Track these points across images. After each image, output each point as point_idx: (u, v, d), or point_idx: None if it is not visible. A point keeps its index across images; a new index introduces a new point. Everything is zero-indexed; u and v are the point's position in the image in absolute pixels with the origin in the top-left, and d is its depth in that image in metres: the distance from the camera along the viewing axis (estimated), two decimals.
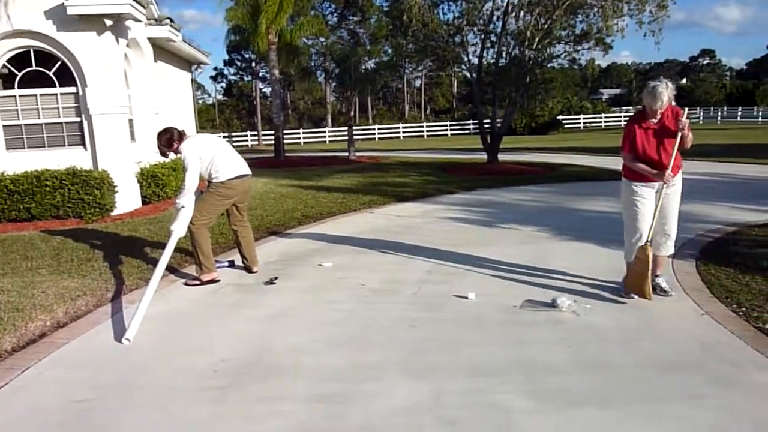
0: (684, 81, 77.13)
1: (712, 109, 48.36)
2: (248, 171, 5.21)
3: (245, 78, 58.11)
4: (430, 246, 6.15)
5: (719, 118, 43.78)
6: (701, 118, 46.68)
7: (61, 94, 8.75)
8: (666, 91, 3.96)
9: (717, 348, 3.37)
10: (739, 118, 43.38)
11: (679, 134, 4.01)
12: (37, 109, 8.74)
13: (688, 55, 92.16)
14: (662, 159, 4.08)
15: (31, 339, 3.86)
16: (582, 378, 3.06)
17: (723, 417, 2.64)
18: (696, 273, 4.89)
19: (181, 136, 5.02)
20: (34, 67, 8.63)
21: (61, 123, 8.83)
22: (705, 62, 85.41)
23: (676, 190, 4.23)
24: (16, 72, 8.63)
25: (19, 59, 8.60)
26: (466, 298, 4.37)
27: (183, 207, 4.83)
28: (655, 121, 4.10)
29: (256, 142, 39.98)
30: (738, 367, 3.13)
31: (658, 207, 4.11)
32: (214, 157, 4.99)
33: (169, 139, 5.01)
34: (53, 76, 8.67)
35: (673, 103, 4.11)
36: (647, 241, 4.12)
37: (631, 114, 5.08)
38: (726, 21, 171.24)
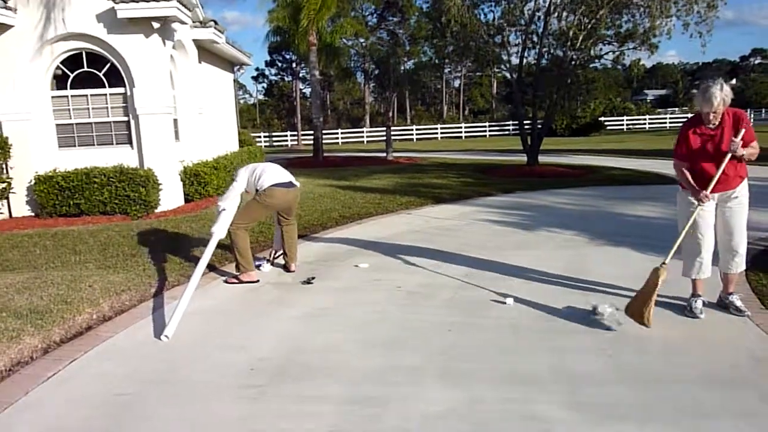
0: (734, 81, 74.40)
1: (763, 110, 46.46)
2: (293, 181, 5.32)
3: (286, 78, 58.87)
4: (468, 249, 6.10)
5: None
6: (752, 119, 44.91)
7: (110, 94, 9.04)
8: (720, 92, 3.61)
9: (767, 362, 3.23)
10: None
11: (728, 154, 3.68)
12: (88, 108, 9.06)
13: (739, 55, 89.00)
14: (713, 170, 3.76)
15: (78, 331, 4.00)
16: (623, 390, 2.98)
17: None
18: (746, 283, 4.68)
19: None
20: (85, 69, 8.95)
21: (109, 122, 9.13)
22: (756, 62, 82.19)
23: (740, 203, 3.88)
24: (69, 73, 8.96)
25: (72, 61, 8.94)
26: (504, 303, 4.31)
27: (224, 209, 4.95)
28: (713, 127, 3.75)
29: (296, 142, 40.45)
30: None
31: (717, 221, 3.82)
32: (259, 167, 5.31)
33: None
34: (103, 77, 8.97)
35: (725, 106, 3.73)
36: (663, 263, 3.82)
37: (687, 117, 4.85)
38: None
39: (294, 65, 51.68)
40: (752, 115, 45.65)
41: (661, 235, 6.46)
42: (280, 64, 57.17)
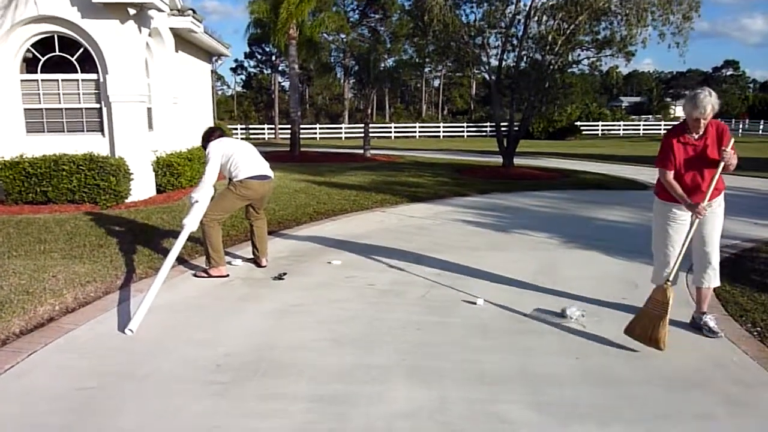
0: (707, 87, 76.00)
1: (733, 120, 47.66)
2: (269, 174, 5.22)
3: (265, 71, 58.37)
4: (441, 248, 6.12)
5: (741, 130, 43.10)
6: None
7: (83, 80, 8.83)
8: (709, 98, 3.50)
9: (729, 368, 3.30)
10: (761, 132, 42.71)
11: (721, 164, 3.57)
12: (59, 94, 8.84)
13: (711, 66, 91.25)
14: (698, 185, 3.66)
15: (39, 323, 3.90)
16: (587, 392, 3.01)
17: None
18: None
19: (220, 136, 5.23)
20: (57, 53, 8.72)
21: (81, 109, 8.92)
22: (728, 73, 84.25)
23: (717, 215, 3.77)
24: (40, 57, 8.73)
25: (43, 44, 8.70)
26: (475, 303, 4.33)
27: (197, 201, 4.84)
28: (697, 137, 3.63)
29: (273, 136, 40.11)
30: (750, 387, 3.06)
31: (692, 232, 3.66)
32: (235, 153, 5.07)
33: (208, 135, 5.23)
34: (75, 63, 8.76)
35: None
36: (668, 281, 3.65)
37: (661, 124, 4.78)
38: (751, 32, 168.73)
39: (273, 58, 51.27)
40: None
41: (630, 239, 6.58)
42: (259, 57, 56.70)
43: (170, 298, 4.40)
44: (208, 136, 5.23)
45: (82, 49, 8.68)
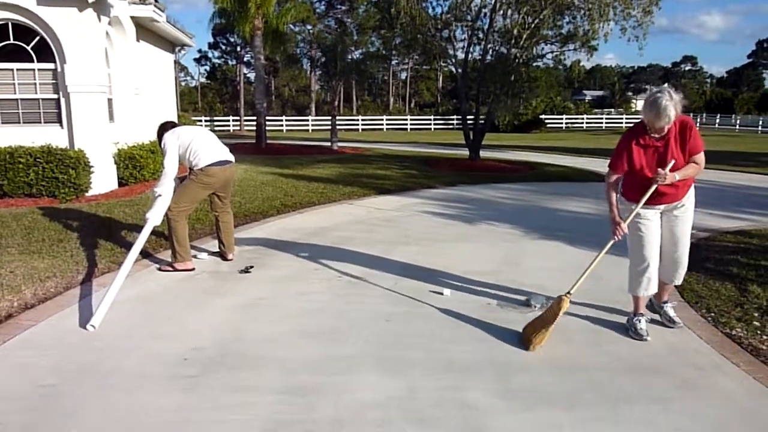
0: (666, 86, 78.11)
1: (691, 114, 49.13)
2: (230, 158, 5.13)
3: (229, 62, 57.41)
4: (409, 240, 6.16)
5: (698, 124, 44.49)
6: None
7: (39, 69, 8.55)
8: (671, 103, 3.18)
9: (685, 352, 3.43)
10: (717, 126, 44.15)
11: (656, 183, 3.37)
12: (14, 84, 8.53)
13: (671, 61, 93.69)
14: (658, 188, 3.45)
15: None
16: (552, 378, 3.09)
17: (685, 420, 2.70)
18: None
19: (173, 127, 5.10)
20: (12, 41, 8.41)
21: (37, 99, 8.63)
22: (687, 68, 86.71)
23: (687, 210, 3.61)
24: None
25: None
26: (442, 294, 4.39)
27: (160, 195, 4.75)
28: (658, 137, 3.38)
29: (238, 128, 39.54)
30: (703, 371, 3.19)
31: (663, 231, 3.58)
32: (192, 141, 4.94)
33: (162, 128, 5.10)
34: (31, 51, 8.46)
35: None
36: (568, 292, 3.56)
37: (623, 119, 4.51)
38: (708, 29, 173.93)
39: (238, 49, 50.50)
40: None
41: (593, 230, 6.74)
42: (223, 47, 55.73)
43: (134, 293, 4.32)
44: (162, 129, 5.11)
45: (38, 38, 8.39)
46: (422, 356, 3.34)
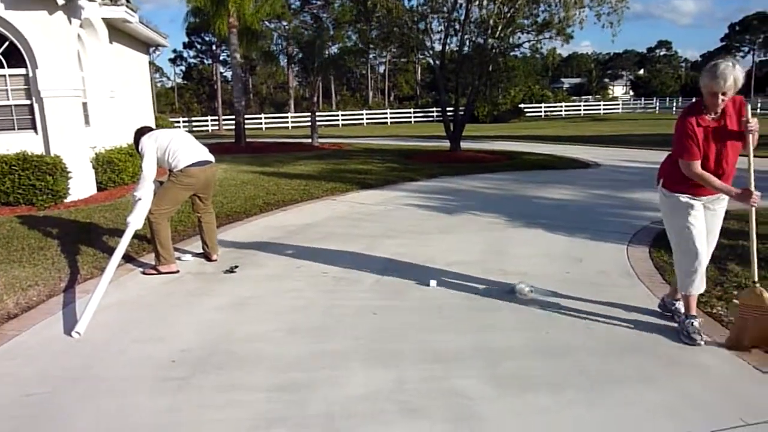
0: (641, 71, 79.12)
1: (667, 99, 49.80)
2: (210, 158, 5.10)
3: (205, 61, 56.80)
4: (393, 233, 6.18)
5: (674, 108, 45.09)
6: (657, 107, 48.07)
7: (10, 75, 8.38)
8: (732, 70, 2.96)
9: (667, 332, 3.50)
10: None
11: (749, 136, 3.09)
12: None
13: (646, 47, 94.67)
14: (723, 169, 3.18)
15: None
16: (539, 363, 3.14)
17: (670, 397, 2.76)
18: (649, 259, 5.06)
19: (149, 131, 5.09)
20: None
21: (10, 106, 8.47)
22: (662, 53, 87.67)
23: (725, 205, 3.39)
24: None
25: None
26: (428, 285, 4.41)
27: (140, 199, 4.71)
28: (714, 116, 3.13)
29: (217, 128, 39.17)
30: (685, 350, 3.26)
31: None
32: (170, 143, 4.91)
33: (138, 133, 5.06)
34: (1, 57, 8.29)
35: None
36: (754, 282, 3.22)
37: (600, 105, 4.09)
38: (682, 13, 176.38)
39: (214, 47, 49.97)
40: (657, 104, 48.82)
41: (573, 216, 6.83)
42: (199, 46, 55.15)
43: (119, 298, 4.28)
44: (139, 134, 5.06)
45: (7, 43, 8.23)
46: (410, 348, 3.36)
